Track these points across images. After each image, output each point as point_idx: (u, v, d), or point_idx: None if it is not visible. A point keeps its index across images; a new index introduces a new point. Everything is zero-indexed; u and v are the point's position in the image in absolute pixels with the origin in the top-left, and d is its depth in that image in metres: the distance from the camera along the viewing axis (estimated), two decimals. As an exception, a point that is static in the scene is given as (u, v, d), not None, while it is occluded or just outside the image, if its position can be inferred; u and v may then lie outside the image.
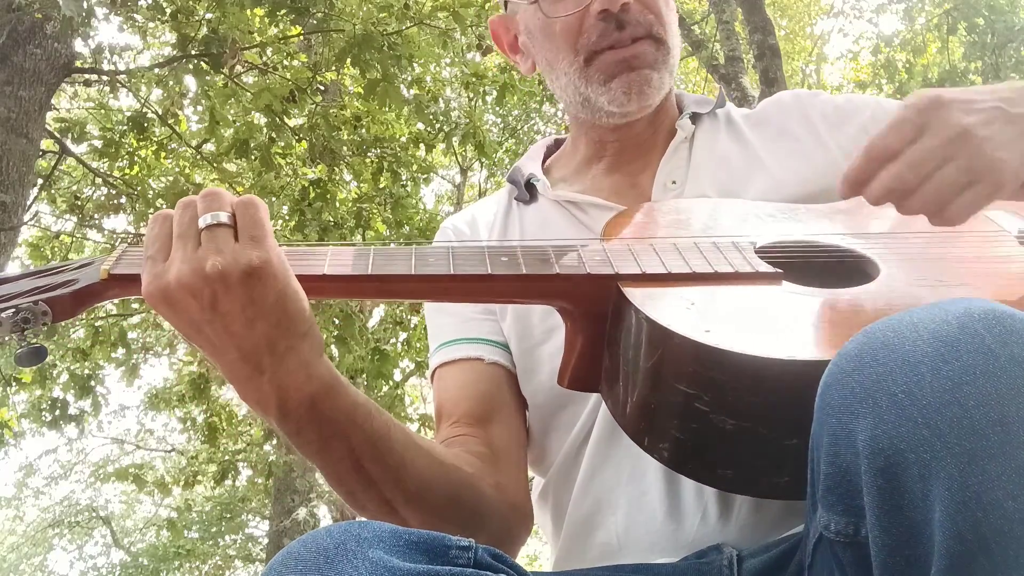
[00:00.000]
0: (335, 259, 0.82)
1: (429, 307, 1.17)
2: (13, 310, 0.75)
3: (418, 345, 7.38)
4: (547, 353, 1.03)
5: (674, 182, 1.10)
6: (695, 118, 1.16)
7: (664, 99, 1.14)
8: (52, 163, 6.20)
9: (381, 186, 6.21)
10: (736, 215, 1.00)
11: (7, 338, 0.76)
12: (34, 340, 0.77)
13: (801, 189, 1.06)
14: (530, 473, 1.09)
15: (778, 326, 0.80)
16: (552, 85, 1.16)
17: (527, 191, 1.17)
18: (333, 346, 5.98)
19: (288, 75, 5.67)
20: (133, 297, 0.82)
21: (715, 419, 0.76)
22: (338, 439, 0.83)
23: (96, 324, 6.45)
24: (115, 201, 6.05)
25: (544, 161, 1.23)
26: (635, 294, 0.81)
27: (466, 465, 0.96)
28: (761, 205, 1.02)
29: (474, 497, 0.94)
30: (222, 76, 5.33)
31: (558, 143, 1.27)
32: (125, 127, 5.77)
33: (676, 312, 0.79)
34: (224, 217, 0.75)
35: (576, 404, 1.03)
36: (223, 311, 0.74)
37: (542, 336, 1.04)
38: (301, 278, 0.80)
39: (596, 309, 0.85)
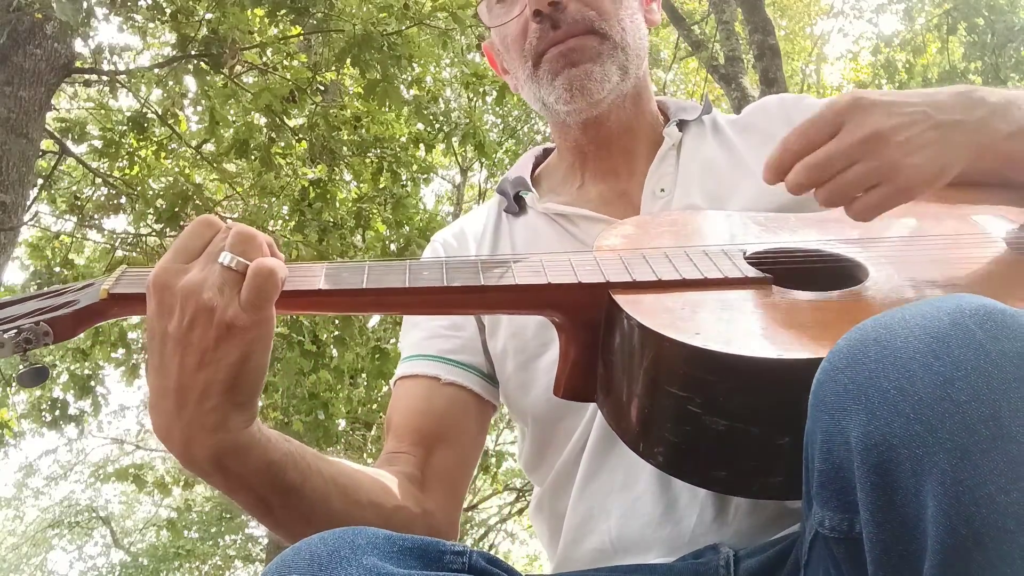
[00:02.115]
0: (331, 274, 0.83)
1: (405, 318, 1.17)
2: (15, 330, 0.76)
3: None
4: (542, 367, 1.04)
5: (662, 190, 1.10)
6: (682, 125, 1.16)
7: (636, 100, 1.14)
8: (52, 163, 6.20)
9: (381, 186, 6.21)
10: (726, 225, 1.01)
11: (9, 358, 0.77)
12: (36, 361, 0.78)
13: (787, 196, 1.06)
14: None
15: (767, 327, 0.81)
16: (523, 96, 1.17)
17: (516, 203, 1.17)
18: (333, 346, 5.99)
19: (288, 75, 5.67)
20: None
21: (707, 420, 0.77)
22: (245, 490, 0.82)
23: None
24: (115, 201, 6.05)
25: (534, 170, 1.24)
26: (626, 301, 0.82)
27: (391, 497, 0.94)
28: (751, 215, 1.03)
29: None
30: (222, 76, 5.33)
31: (547, 152, 1.27)
32: (125, 127, 5.77)
33: (666, 317, 0.80)
34: (238, 264, 0.75)
35: (573, 416, 1.03)
36: (190, 339, 0.74)
37: (537, 350, 1.05)
38: (298, 294, 0.80)
39: (588, 318, 0.86)
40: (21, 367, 0.77)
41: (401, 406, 1.07)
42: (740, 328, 0.81)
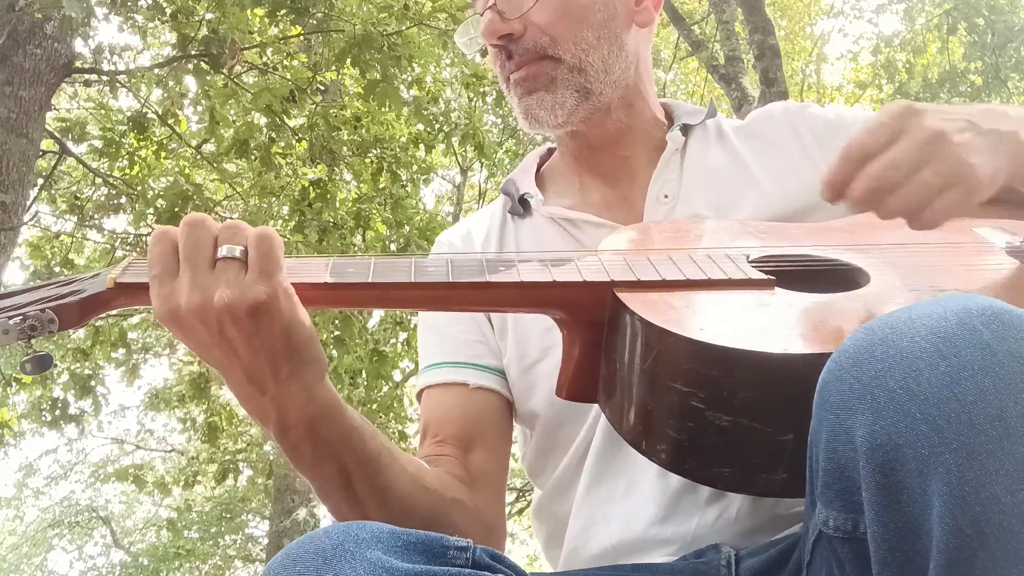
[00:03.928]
0: (337, 269, 0.83)
1: (420, 326, 1.17)
2: (21, 317, 0.77)
3: (417, 345, 7.35)
4: (544, 372, 1.04)
5: (666, 196, 1.10)
6: (686, 129, 1.15)
7: (628, 107, 1.13)
8: (52, 163, 6.20)
9: (381, 186, 6.20)
10: (729, 232, 1.01)
11: (14, 345, 0.78)
12: (40, 349, 0.79)
13: (791, 206, 1.07)
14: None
15: (771, 324, 0.81)
16: None
17: (521, 205, 1.17)
18: (332, 347, 5.98)
19: (288, 75, 5.67)
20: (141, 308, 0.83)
21: (711, 416, 0.77)
22: (331, 459, 0.86)
23: (96, 324, 6.45)
24: (115, 201, 6.05)
25: (538, 170, 1.24)
26: (630, 298, 0.82)
27: (448, 489, 0.98)
28: (754, 223, 1.03)
29: (451, 522, 0.95)
30: (222, 76, 5.33)
31: (551, 152, 1.27)
32: (125, 127, 5.77)
33: (671, 313, 0.80)
34: (238, 252, 0.77)
35: (575, 422, 1.03)
36: (229, 337, 0.77)
37: (539, 355, 1.05)
38: (303, 287, 0.81)
39: (592, 316, 0.86)
40: (26, 354, 0.78)
41: (436, 414, 1.08)
42: (743, 324, 0.81)
